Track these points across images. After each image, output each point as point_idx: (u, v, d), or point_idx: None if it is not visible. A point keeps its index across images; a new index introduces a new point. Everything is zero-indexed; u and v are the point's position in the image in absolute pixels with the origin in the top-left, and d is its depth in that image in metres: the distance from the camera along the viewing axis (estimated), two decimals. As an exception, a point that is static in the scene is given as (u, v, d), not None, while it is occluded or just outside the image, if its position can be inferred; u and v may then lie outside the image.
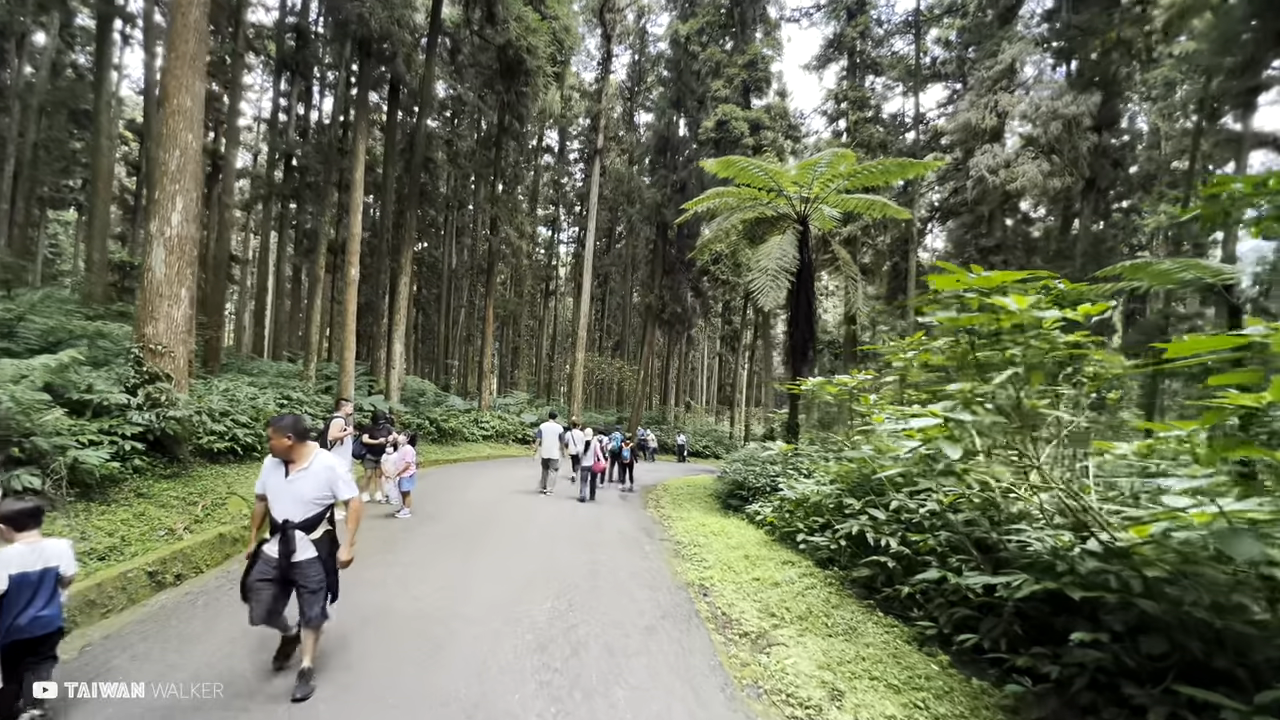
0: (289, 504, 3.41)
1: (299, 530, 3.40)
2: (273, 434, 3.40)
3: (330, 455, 3.58)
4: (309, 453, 3.48)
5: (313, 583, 3.45)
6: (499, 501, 10.65)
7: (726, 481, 12.53)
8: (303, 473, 3.42)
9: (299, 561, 3.42)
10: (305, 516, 3.41)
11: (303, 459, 3.45)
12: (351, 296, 13.76)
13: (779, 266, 11.74)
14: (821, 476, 8.63)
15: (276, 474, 3.47)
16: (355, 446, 9.50)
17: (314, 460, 3.46)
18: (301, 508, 3.41)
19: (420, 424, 17.61)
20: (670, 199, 25.60)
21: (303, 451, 3.46)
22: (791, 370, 13.78)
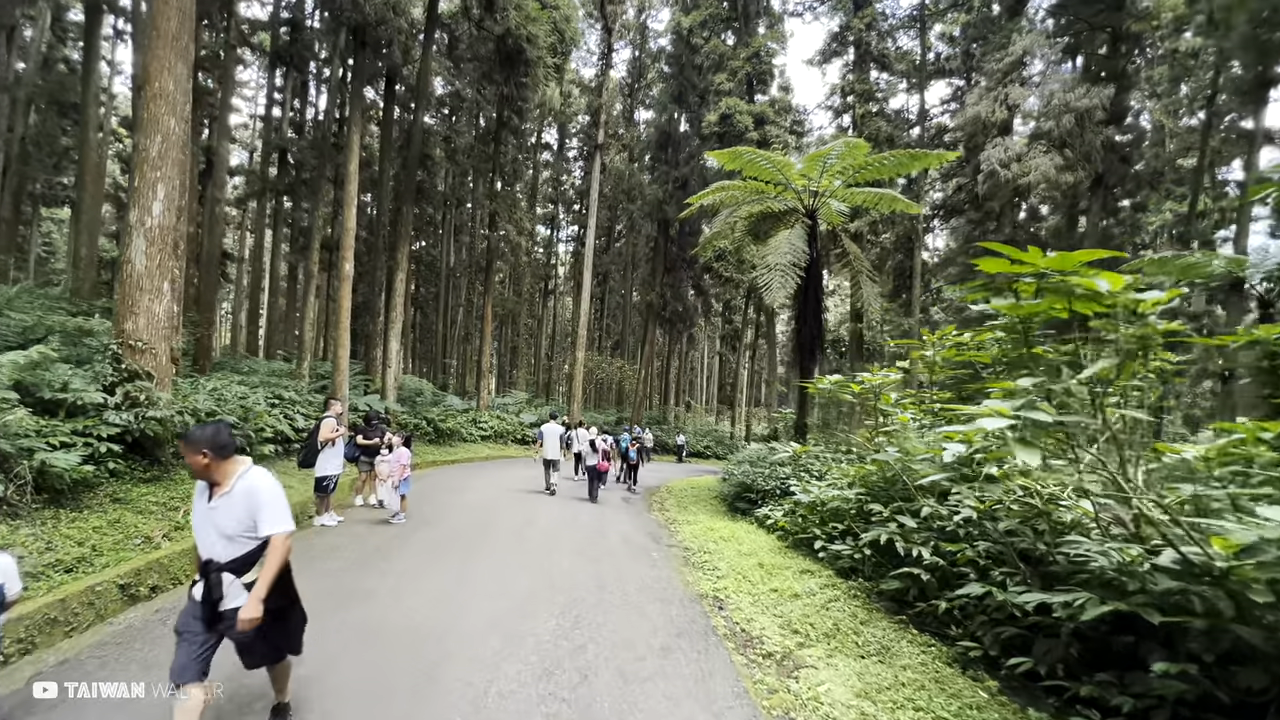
0: (212, 538, 2.68)
1: (227, 573, 2.67)
2: (185, 451, 2.66)
3: (260, 474, 2.76)
4: (233, 472, 2.70)
5: (248, 639, 2.74)
6: (498, 504, 10.25)
7: (733, 484, 12.14)
8: (224, 498, 2.66)
9: (226, 612, 2.68)
10: (233, 555, 2.67)
11: (225, 480, 2.68)
12: (346, 293, 13.35)
13: (788, 261, 11.35)
14: (837, 479, 8.24)
15: (200, 501, 2.74)
16: (348, 449, 9.09)
17: (235, 482, 2.68)
18: (225, 544, 2.66)
19: (417, 424, 17.21)
20: (672, 195, 25.21)
21: (225, 471, 2.68)
22: (799, 368, 13.40)
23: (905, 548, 5.03)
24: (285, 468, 10.58)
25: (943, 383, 6.88)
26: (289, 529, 2.75)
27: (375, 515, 8.59)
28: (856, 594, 5.46)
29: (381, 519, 8.28)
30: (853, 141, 10.82)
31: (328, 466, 7.61)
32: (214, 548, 2.67)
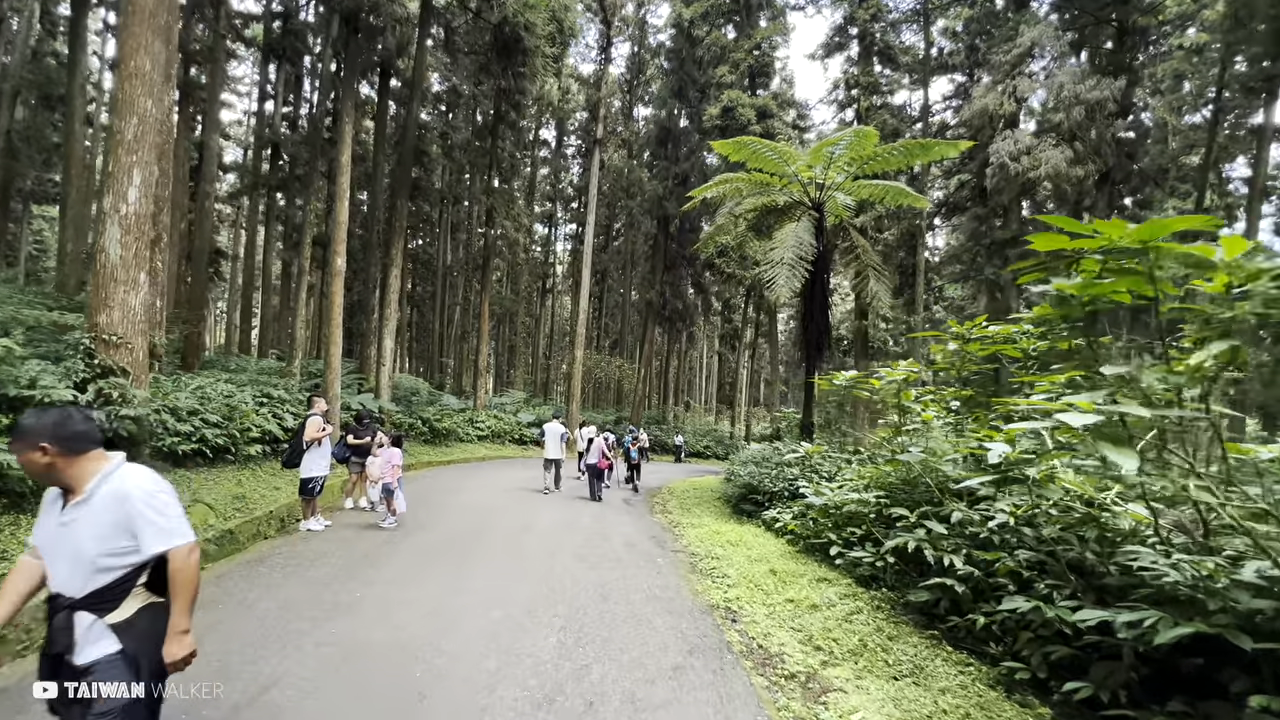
0: (62, 564, 1.94)
1: (82, 610, 1.92)
2: (15, 447, 1.91)
3: (135, 474, 2.00)
4: (92, 472, 1.94)
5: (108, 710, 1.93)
6: (495, 507, 9.85)
7: (737, 485, 11.76)
8: (80, 508, 1.92)
9: (86, 666, 1.94)
10: (91, 586, 1.92)
11: (80, 484, 1.93)
12: (337, 289, 12.94)
13: (795, 256, 10.97)
14: (850, 481, 7.86)
15: (49, 514, 1.98)
16: (338, 449, 8.71)
17: (97, 485, 1.93)
18: (82, 571, 1.91)
19: (412, 424, 16.80)
20: (672, 191, 24.84)
21: (78, 471, 1.93)
22: (805, 366, 13.03)
23: (935, 556, 4.65)
24: (273, 469, 10.17)
25: (965, 379, 6.50)
26: (189, 540, 1.99)
27: (365, 519, 8.19)
28: (880, 605, 5.08)
29: (371, 523, 7.88)
30: (863, 130, 10.45)
31: (313, 467, 7.20)
32: (65, 576, 1.94)
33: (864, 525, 6.36)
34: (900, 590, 5.24)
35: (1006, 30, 17.39)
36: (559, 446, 12.23)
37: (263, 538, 7.23)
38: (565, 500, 11.50)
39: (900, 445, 6.99)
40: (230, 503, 7.59)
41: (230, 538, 6.72)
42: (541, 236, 47.80)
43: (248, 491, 8.24)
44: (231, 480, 8.47)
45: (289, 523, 7.78)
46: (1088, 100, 15.06)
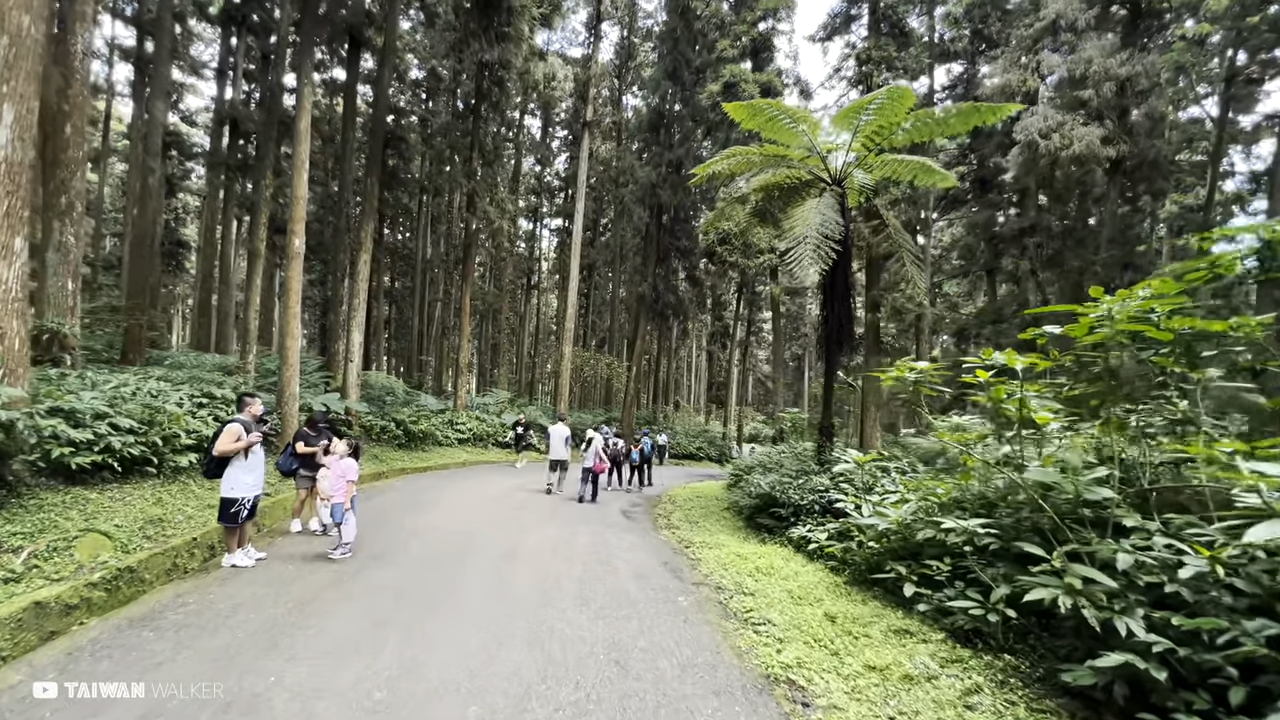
0: None
1: None
2: None
3: None
4: None
5: None
6: (474, 525, 8.34)
7: (751, 495, 10.38)
8: None
9: None
10: None
11: None
12: (295, 274, 11.32)
13: (821, 233, 9.61)
14: (910, 498, 6.51)
15: None
16: (284, 460, 7.16)
17: None
18: None
19: (384, 426, 15.20)
20: (665, 179, 23.43)
21: None
22: (825, 360, 11.69)
23: (1099, 617, 3.28)
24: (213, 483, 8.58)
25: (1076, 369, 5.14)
26: None
27: (313, 547, 6.65)
28: (1006, 680, 3.70)
29: (319, 553, 6.35)
30: (898, 89, 9.11)
31: (237, 485, 5.64)
32: None
33: (947, 558, 5.00)
34: (1026, 656, 3.88)
35: (1025, 4, 16.27)
36: (565, 448, 12.35)
37: (180, 573, 5.70)
38: (558, 511, 10.03)
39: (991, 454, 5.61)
40: (141, 529, 6.03)
41: (130, 577, 5.19)
42: (526, 232, 46.16)
43: (169, 512, 6.67)
44: (149, 498, 6.88)
45: (221, 550, 6.23)
46: (1118, 76, 13.95)
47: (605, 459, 12.55)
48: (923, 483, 6.36)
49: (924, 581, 5.07)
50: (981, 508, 5.16)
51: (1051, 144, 14.04)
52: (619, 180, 33.20)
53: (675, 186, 23.77)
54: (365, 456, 13.89)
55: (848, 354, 11.61)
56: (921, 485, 6.34)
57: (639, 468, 14.98)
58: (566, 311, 22.42)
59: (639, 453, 15.02)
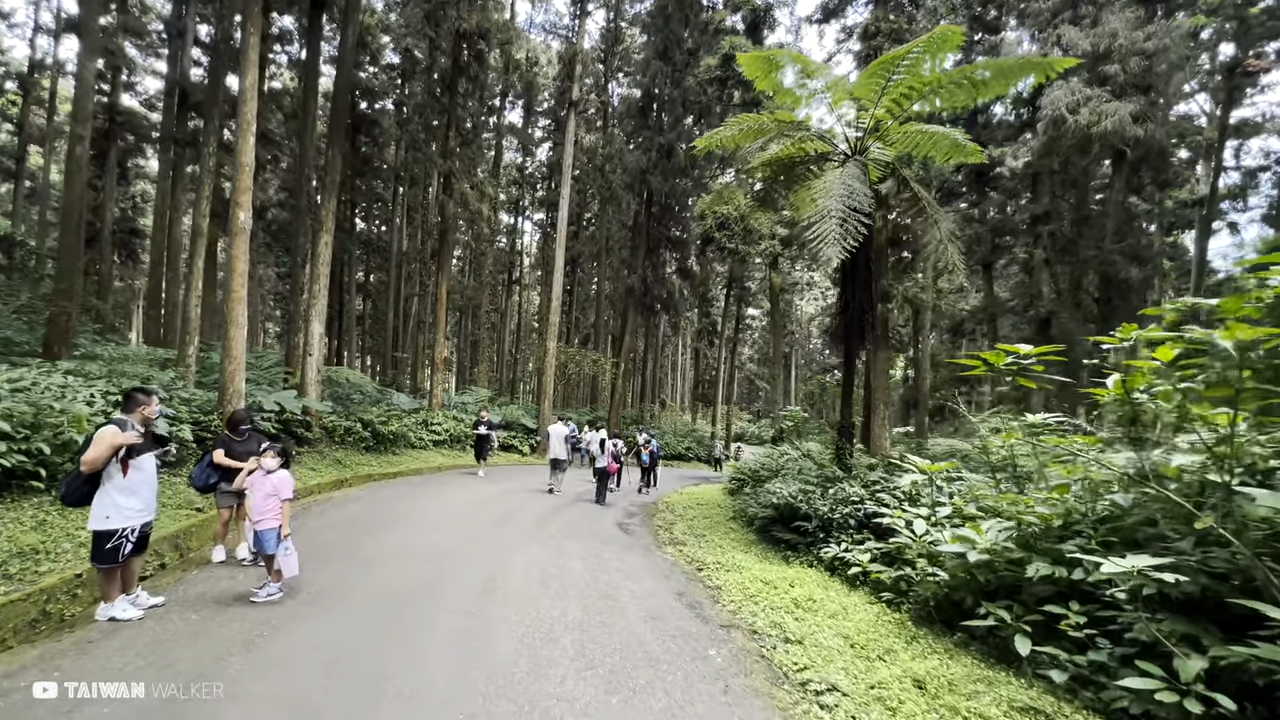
0: None
1: None
2: None
3: None
4: None
5: None
6: (446, 548, 6.94)
7: (766, 505, 9.15)
8: None
9: None
10: None
11: None
12: (240, 252, 9.78)
13: (846, 206, 8.40)
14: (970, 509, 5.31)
15: None
16: (198, 472, 5.70)
17: None
18: None
19: (349, 427, 13.67)
20: (655, 164, 22.14)
21: None
22: (844, 352, 10.50)
23: None
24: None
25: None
26: None
27: (235, 584, 5.21)
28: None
29: (242, 593, 4.93)
30: (944, 31, 7.93)
31: (114, 510, 4.17)
32: None
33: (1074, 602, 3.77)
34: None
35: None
36: (564, 447, 12.55)
37: (53, 623, 4.29)
38: (547, 523, 8.66)
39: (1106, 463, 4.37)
40: (5, 562, 4.60)
41: (-36, 637, 3.78)
42: (507, 225, 44.54)
43: (51, 540, 5.21)
44: (27, 522, 5.40)
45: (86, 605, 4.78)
46: (1144, 50, 13.00)
47: (619, 461, 12.80)
48: (1011, 499, 5.12)
49: (1040, 633, 3.84)
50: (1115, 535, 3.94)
51: (1081, 119, 13.04)
52: (604, 169, 31.82)
53: (666, 172, 22.50)
54: (327, 461, 12.40)
55: (871, 345, 10.45)
56: (1011, 502, 5.09)
57: (649, 470, 14.85)
58: (551, 304, 21.00)
59: (649, 454, 14.85)
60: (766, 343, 63.58)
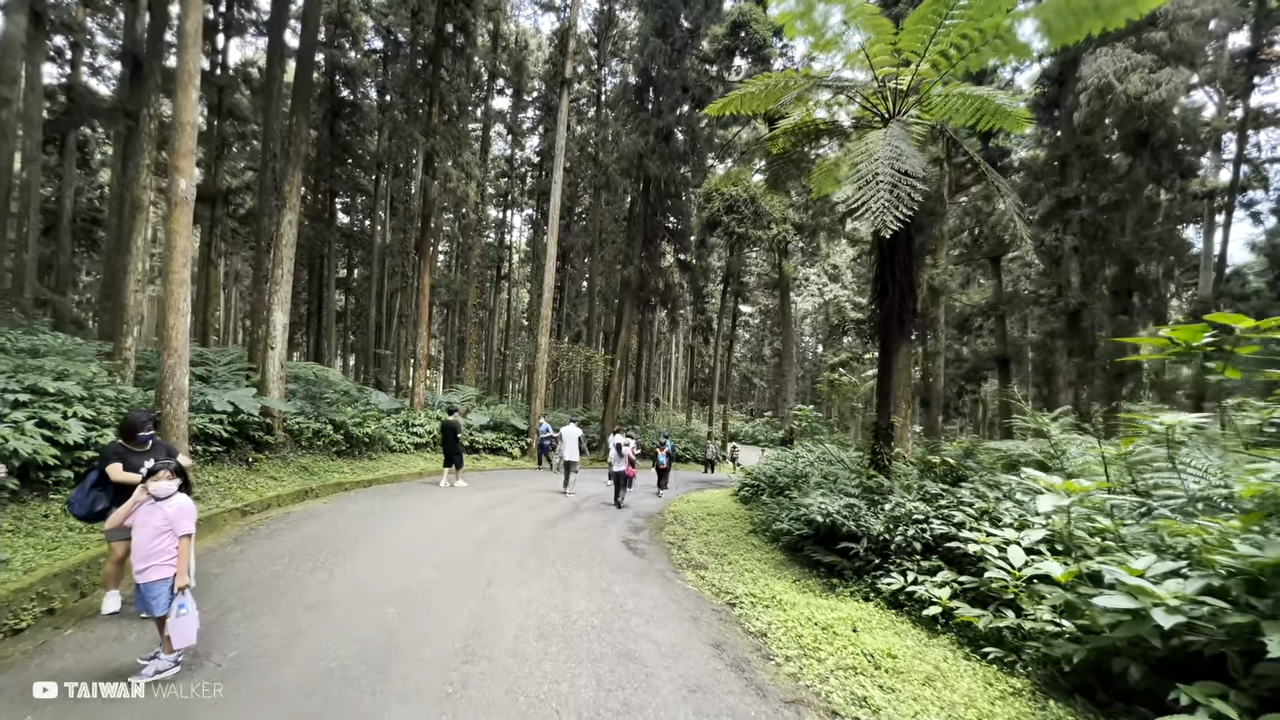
0: None
1: None
2: None
3: None
4: None
5: None
6: (418, 583, 5.56)
7: (800, 520, 7.88)
8: None
9: None
10: None
11: None
12: (180, 224, 8.31)
13: (896, 170, 7.14)
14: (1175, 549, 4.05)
15: None
16: (79, 497, 4.26)
17: None
18: None
19: (319, 430, 12.24)
20: (653, 148, 20.80)
21: None
22: (879, 340, 9.24)
23: None
24: (33, 514, 5.67)
25: None
26: None
27: (121, 651, 3.80)
28: None
29: (123, 665, 3.53)
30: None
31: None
32: None
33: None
34: None
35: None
36: (576, 449, 12.71)
37: None
38: (541, 542, 7.31)
39: None
40: None
41: None
42: (496, 220, 43.04)
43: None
44: None
45: None
46: (1191, 16, 11.89)
47: (635, 465, 12.67)
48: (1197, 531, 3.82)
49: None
50: None
51: (1130, 88, 11.89)
52: (598, 158, 30.46)
53: (665, 157, 21.18)
54: (291, 468, 10.96)
55: (912, 335, 9.19)
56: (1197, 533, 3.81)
57: (665, 471, 15.06)
58: (543, 296, 19.60)
59: (665, 455, 15.09)
60: (759, 341, 62.47)
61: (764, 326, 58.56)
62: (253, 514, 8.55)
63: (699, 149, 22.57)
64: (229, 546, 6.35)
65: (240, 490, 9.03)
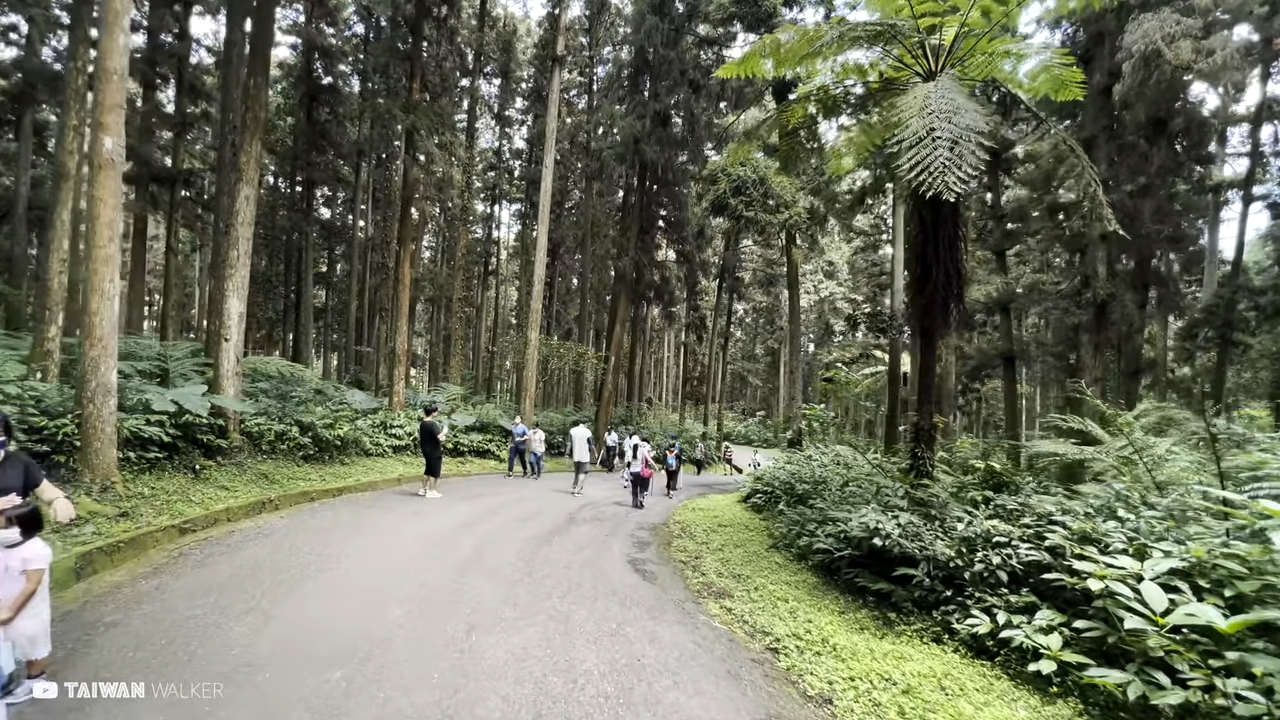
0: None
1: None
2: None
3: None
4: None
5: None
6: (377, 633, 4.33)
7: (840, 539, 6.77)
8: None
9: None
10: None
11: None
12: (106, 192, 7.02)
13: (957, 125, 6.05)
14: None
15: None
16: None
17: None
18: None
19: (283, 432, 10.94)
20: (650, 132, 19.65)
21: None
22: (919, 330, 8.15)
23: None
24: None
25: None
26: None
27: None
28: None
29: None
30: None
31: None
32: None
33: None
34: None
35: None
36: (586, 450, 12.92)
37: None
38: (533, 563, 6.11)
39: None
40: None
41: None
42: (483, 214, 41.63)
43: None
44: None
45: None
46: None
47: (652, 467, 12.80)
48: None
49: None
50: None
51: (1181, 54, 10.92)
52: (589, 147, 29.27)
53: (662, 142, 20.04)
54: (248, 476, 9.65)
55: (958, 323, 8.12)
56: None
57: (675, 473, 15.45)
58: (533, 289, 18.36)
59: (675, 458, 15.45)
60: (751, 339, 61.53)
61: (756, 324, 57.61)
62: (195, 531, 7.28)
63: (698, 135, 21.45)
64: (145, 580, 5.10)
65: (181, 504, 7.72)
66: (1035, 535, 5.01)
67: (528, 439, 15.39)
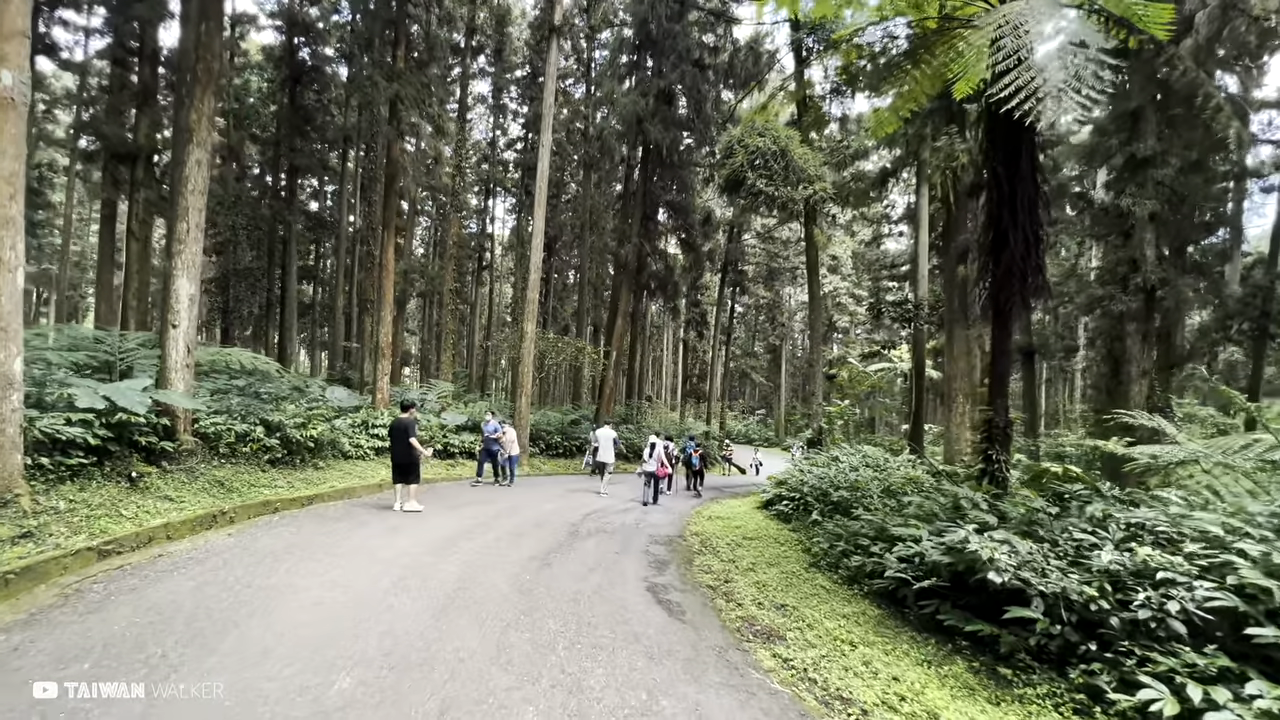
0: None
1: None
2: None
3: None
4: None
5: None
6: (320, 716, 3.06)
7: (919, 567, 5.50)
8: None
9: None
10: None
11: None
12: (6, 140, 5.69)
13: (1066, 46, 4.78)
14: None
15: None
16: None
17: None
18: None
19: (246, 433, 9.59)
20: (654, 110, 18.36)
21: None
22: (993, 309, 6.85)
23: None
24: None
25: None
26: None
27: None
28: None
29: None
30: None
31: None
32: None
33: None
34: None
35: None
36: (611, 451, 13.11)
37: None
38: (534, 596, 4.80)
39: None
40: None
41: None
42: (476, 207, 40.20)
43: None
44: None
45: None
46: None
47: (668, 465, 13.10)
48: None
49: None
50: None
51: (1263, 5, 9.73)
52: (587, 132, 27.93)
53: (666, 122, 18.76)
54: (200, 484, 8.31)
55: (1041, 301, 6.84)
56: None
57: (699, 473, 15.60)
58: (529, 279, 17.04)
59: (699, 458, 15.50)
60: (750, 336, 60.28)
61: (757, 321, 56.41)
62: (121, 554, 5.96)
63: (704, 115, 20.16)
64: (7, 635, 3.76)
65: (107, 520, 6.37)
66: (1205, 568, 3.74)
67: (499, 436, 13.02)
